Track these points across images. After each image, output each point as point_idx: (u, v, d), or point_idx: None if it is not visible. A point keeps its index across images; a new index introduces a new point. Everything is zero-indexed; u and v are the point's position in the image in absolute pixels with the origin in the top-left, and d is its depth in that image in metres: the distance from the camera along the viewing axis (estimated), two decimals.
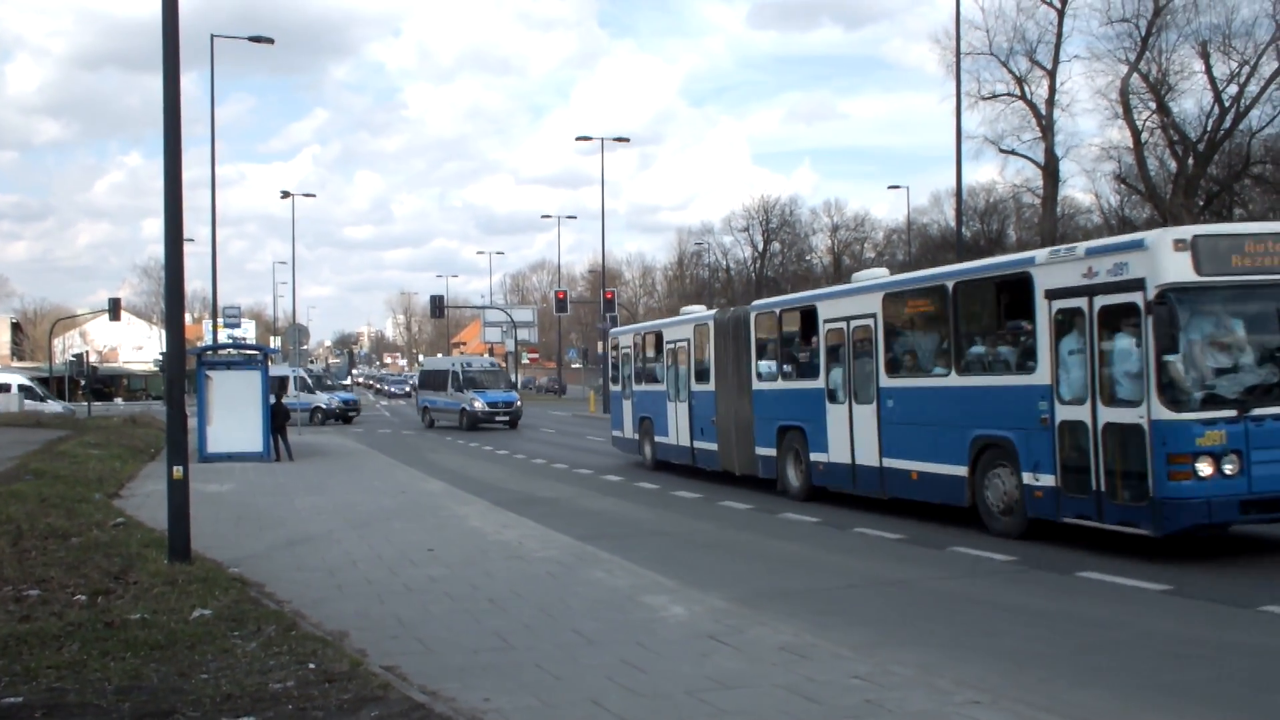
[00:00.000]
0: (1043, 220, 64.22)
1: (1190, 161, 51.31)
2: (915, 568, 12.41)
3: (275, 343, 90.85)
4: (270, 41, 38.93)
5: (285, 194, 65.63)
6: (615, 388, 27.28)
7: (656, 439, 24.53)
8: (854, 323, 17.01)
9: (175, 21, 11.80)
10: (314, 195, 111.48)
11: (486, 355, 67.01)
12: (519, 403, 45.40)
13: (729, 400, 20.86)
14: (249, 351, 30.40)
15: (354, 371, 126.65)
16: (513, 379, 51.97)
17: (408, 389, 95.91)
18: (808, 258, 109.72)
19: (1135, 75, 51.51)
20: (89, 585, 10.24)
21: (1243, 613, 9.72)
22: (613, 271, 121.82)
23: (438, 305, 70.11)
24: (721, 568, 12.64)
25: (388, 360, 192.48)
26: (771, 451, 19.36)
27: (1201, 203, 50.42)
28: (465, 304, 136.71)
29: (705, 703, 6.93)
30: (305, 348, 45.14)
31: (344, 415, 51.58)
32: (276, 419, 27.79)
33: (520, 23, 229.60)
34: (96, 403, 50.37)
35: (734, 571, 12.37)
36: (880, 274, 17.53)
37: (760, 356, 19.99)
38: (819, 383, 17.82)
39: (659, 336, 24.59)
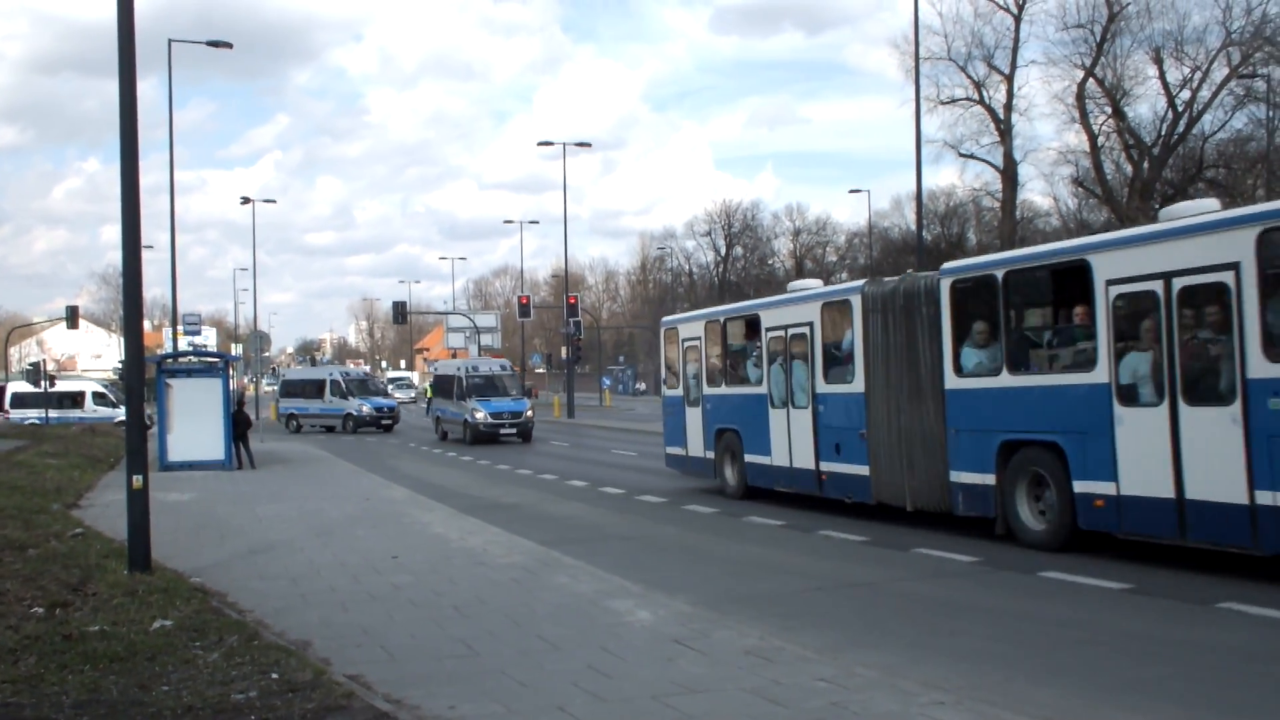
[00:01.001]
0: (1002, 223, 64.76)
1: (1145, 165, 51.93)
2: (880, 569, 12.44)
3: (237, 350, 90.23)
4: (229, 46, 38.61)
5: (246, 200, 65.13)
6: (671, 391, 22.11)
7: (748, 458, 18.84)
8: (1183, 282, 11.16)
9: (131, 26, 11.65)
10: (274, 201, 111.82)
11: (491, 357, 59.41)
12: (530, 412, 39.52)
13: (891, 405, 15.40)
14: (210, 359, 30.14)
15: None
16: (524, 385, 45.22)
17: None
18: (770, 262, 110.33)
19: (1091, 80, 52.11)
20: (46, 597, 10.07)
21: (1202, 610, 9.79)
22: (576, 276, 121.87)
23: (400, 311, 69.83)
24: (686, 571, 12.62)
25: (350, 367, 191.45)
26: (984, 479, 13.72)
27: (1157, 205, 50.94)
28: (428, 310, 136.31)
29: (671, 707, 6.90)
30: (267, 354, 44.75)
31: (377, 422, 46.96)
32: (238, 426, 27.56)
33: (483, 28, 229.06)
34: (55, 412, 49.36)
35: (699, 575, 12.35)
36: None
37: (964, 341, 14.14)
38: (1096, 375, 12.07)
39: (752, 323, 19.12)
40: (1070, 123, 55.42)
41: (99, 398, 52.26)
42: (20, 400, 50.86)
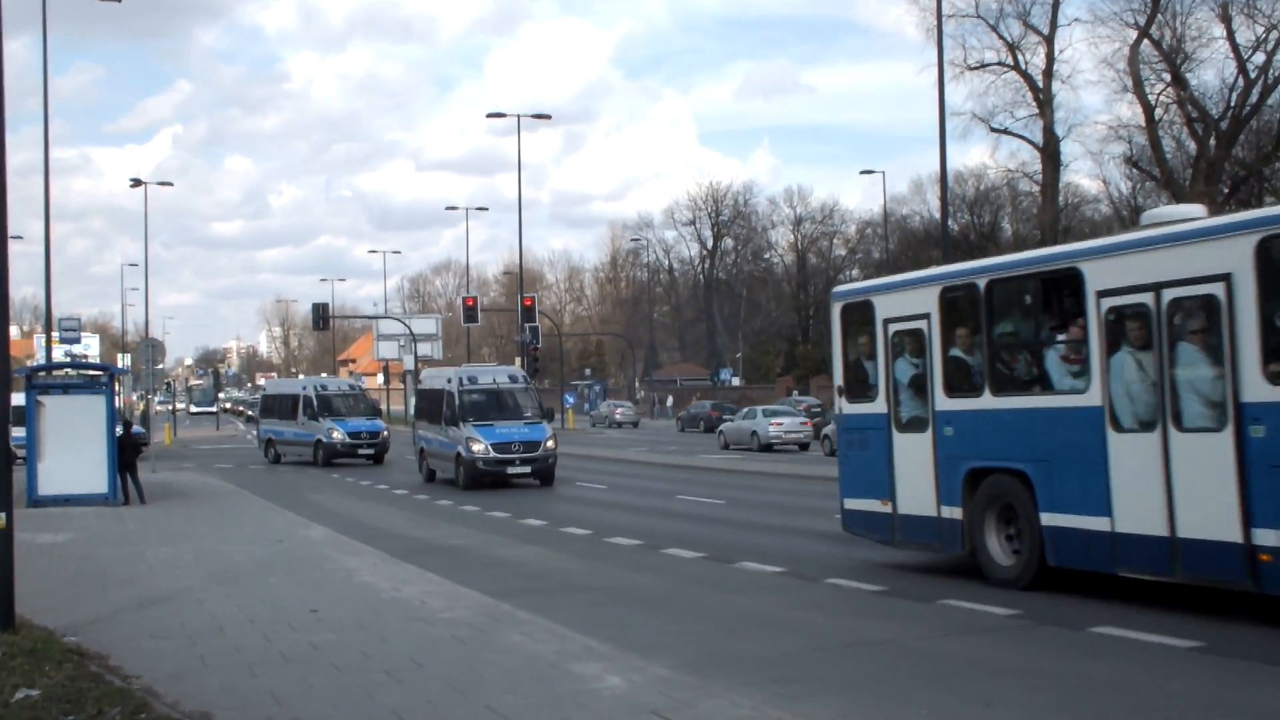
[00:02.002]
0: (1042, 210, 65.18)
1: (1212, 142, 52.29)
2: (898, 624, 12.42)
3: (124, 361, 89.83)
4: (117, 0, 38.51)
5: (137, 182, 64.85)
6: (861, 407, 16.68)
7: (1050, 519, 13.57)
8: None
9: None
10: (171, 184, 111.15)
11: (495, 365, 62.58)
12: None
13: None
14: (91, 372, 29.97)
15: (220, 395, 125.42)
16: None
17: None
18: (766, 255, 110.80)
19: (1146, 42, 52.50)
20: None
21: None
22: (533, 274, 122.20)
23: (321, 315, 69.70)
24: (666, 628, 12.57)
25: (261, 381, 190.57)
26: None
27: (1226, 189, 51.35)
28: (355, 313, 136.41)
29: None
30: (161, 367, 44.57)
31: (354, 451, 44.50)
32: (124, 453, 27.38)
33: None
34: None
35: (681, 633, 12.30)
36: None
37: None
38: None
39: (1058, 282, 13.97)
40: (1122, 92, 55.87)
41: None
42: None
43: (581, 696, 9.10)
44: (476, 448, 32.00)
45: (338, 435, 43.70)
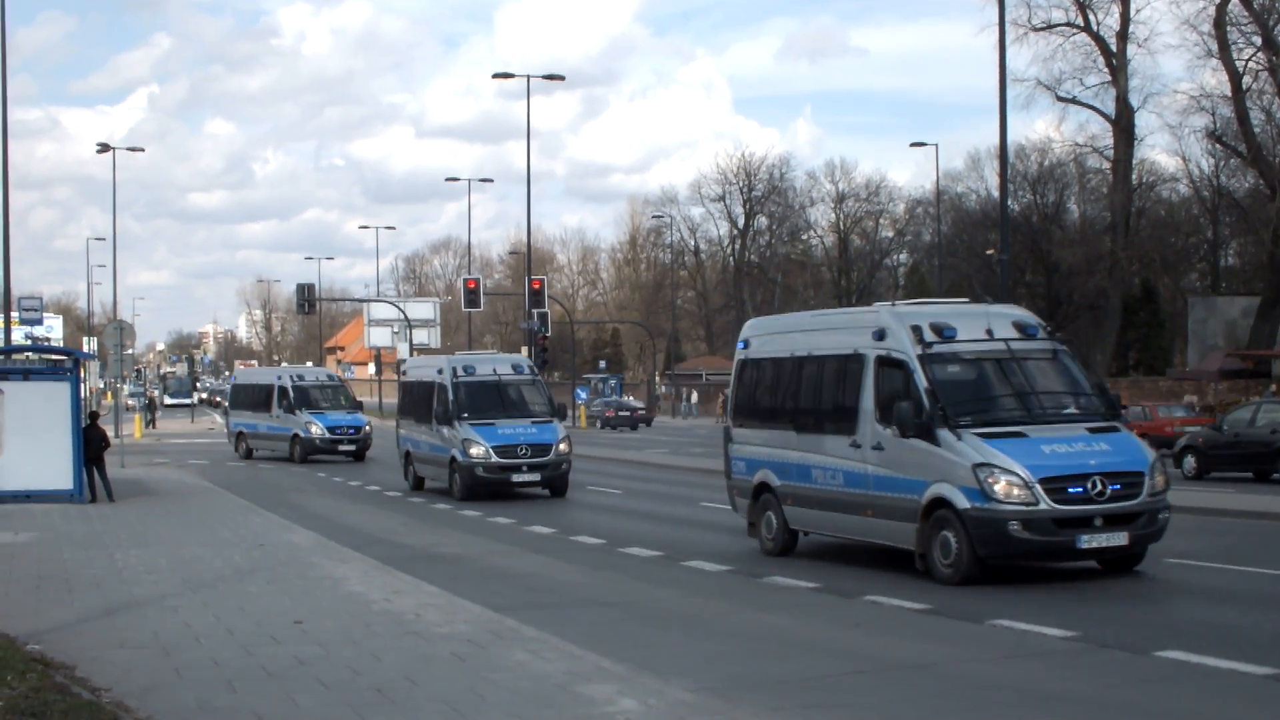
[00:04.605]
0: (1113, 190, 64.91)
1: None
2: (943, 647, 12.51)
3: (90, 345, 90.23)
4: None
5: (105, 147, 64.84)
6: None
7: None
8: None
9: None
10: (143, 149, 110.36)
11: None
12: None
13: None
14: (54, 356, 30.17)
15: (197, 385, 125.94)
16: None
17: None
18: (804, 236, 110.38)
19: (1235, 0, 52.14)
20: None
21: None
22: (543, 253, 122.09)
23: (306, 297, 69.54)
24: (686, 648, 12.69)
25: (240, 368, 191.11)
26: None
27: None
28: (344, 295, 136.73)
29: None
30: (130, 352, 44.81)
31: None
32: (91, 446, 27.55)
33: None
34: None
35: (702, 653, 12.41)
36: None
37: None
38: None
39: None
40: (1205, 57, 55.55)
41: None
42: None
43: None
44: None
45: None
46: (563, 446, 30.32)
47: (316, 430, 43.69)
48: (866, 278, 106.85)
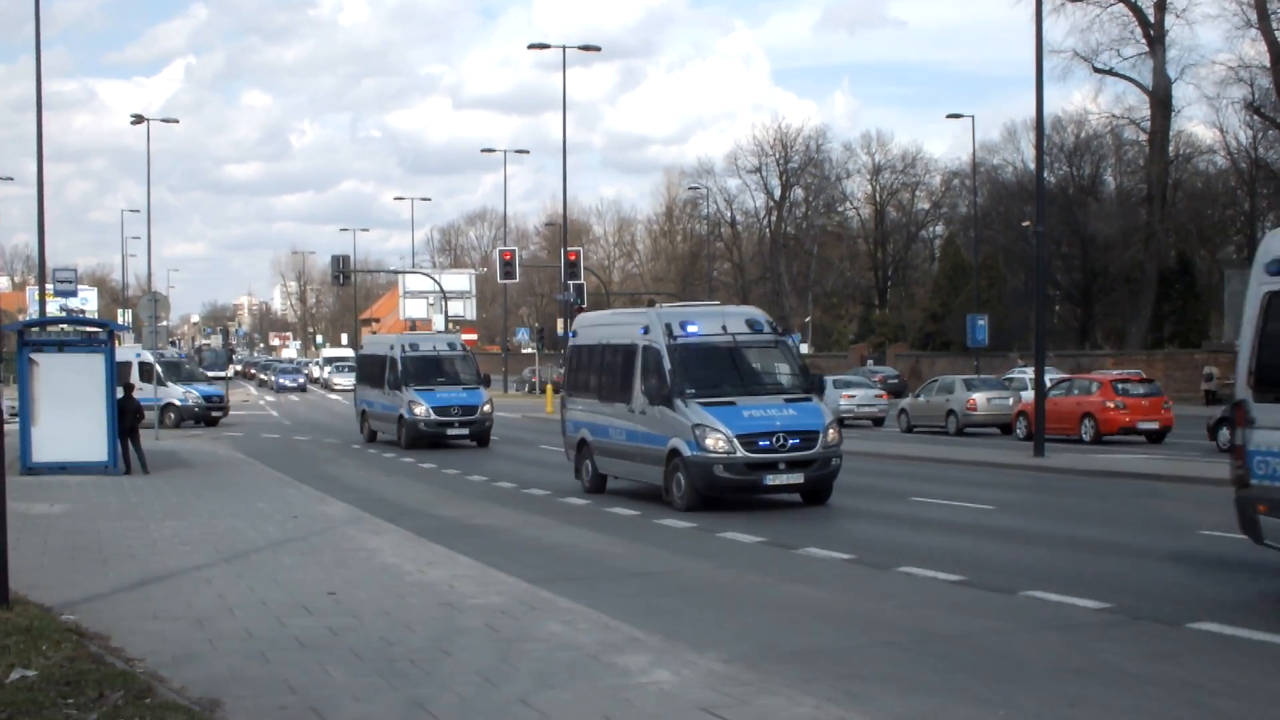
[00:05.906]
0: (1150, 162, 64.54)
1: None
2: (977, 618, 12.49)
3: (125, 317, 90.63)
4: None
5: (139, 118, 65.03)
6: None
7: None
8: None
9: None
10: (177, 121, 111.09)
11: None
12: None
13: None
14: (89, 328, 30.22)
15: (233, 357, 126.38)
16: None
17: (302, 380, 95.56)
18: (840, 208, 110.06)
19: None
20: None
21: None
22: (579, 225, 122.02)
23: (341, 268, 69.70)
24: (719, 619, 12.70)
25: (275, 342, 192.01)
26: None
27: None
28: (379, 267, 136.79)
29: None
30: (165, 323, 44.96)
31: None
32: (125, 418, 27.68)
33: None
34: None
35: (736, 624, 12.43)
36: None
37: None
38: None
39: None
40: (1245, 27, 55.08)
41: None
42: None
43: (625, 691, 9.22)
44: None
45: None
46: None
47: (420, 411, 37.68)
48: (902, 250, 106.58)
